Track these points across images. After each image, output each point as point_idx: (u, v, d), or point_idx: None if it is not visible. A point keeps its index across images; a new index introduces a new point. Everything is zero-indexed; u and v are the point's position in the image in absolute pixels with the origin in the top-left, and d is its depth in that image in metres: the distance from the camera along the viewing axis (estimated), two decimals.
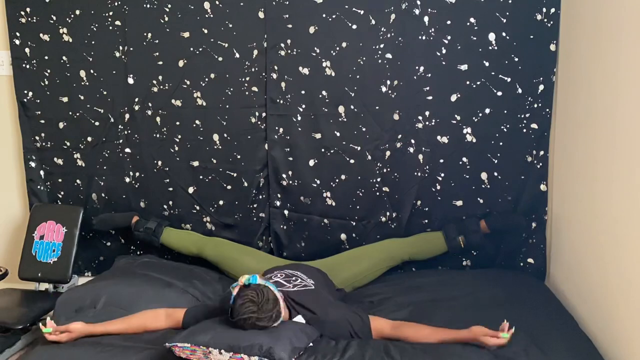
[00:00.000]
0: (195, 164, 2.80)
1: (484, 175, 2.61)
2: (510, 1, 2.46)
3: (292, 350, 1.77)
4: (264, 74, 2.67)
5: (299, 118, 2.68)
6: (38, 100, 2.87)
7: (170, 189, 2.85)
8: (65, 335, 1.97)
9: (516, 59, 2.49)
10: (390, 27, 2.55)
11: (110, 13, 2.74)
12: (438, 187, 2.64)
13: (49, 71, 2.84)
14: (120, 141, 2.85)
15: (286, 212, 2.78)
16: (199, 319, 1.99)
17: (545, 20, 2.45)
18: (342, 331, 1.97)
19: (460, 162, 2.61)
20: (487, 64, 2.51)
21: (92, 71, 2.81)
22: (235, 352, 1.71)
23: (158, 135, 2.80)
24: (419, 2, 2.51)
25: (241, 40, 2.66)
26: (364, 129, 2.63)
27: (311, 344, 1.91)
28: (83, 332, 2.00)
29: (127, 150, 2.85)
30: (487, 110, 2.55)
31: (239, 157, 2.76)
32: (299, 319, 1.98)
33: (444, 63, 2.54)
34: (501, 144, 2.57)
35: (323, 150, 2.68)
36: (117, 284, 2.36)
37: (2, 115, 2.95)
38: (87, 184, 2.91)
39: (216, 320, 1.92)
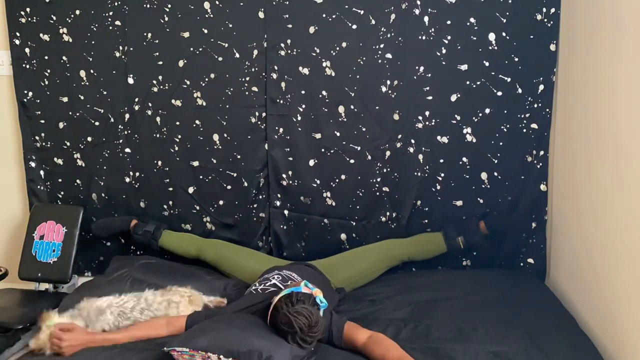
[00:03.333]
0: (195, 164, 2.80)
1: (484, 175, 2.61)
2: (510, 1, 2.46)
3: (292, 359, 1.76)
4: (264, 74, 2.67)
5: (299, 118, 2.67)
6: (38, 100, 2.87)
7: (170, 189, 2.85)
8: (67, 336, 1.87)
9: (516, 59, 2.49)
10: (390, 27, 2.55)
11: (110, 13, 2.74)
12: (438, 187, 2.64)
13: (49, 71, 2.83)
14: (120, 141, 2.85)
15: (286, 212, 2.78)
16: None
17: (545, 20, 2.45)
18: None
19: (460, 162, 2.61)
20: (487, 64, 2.51)
21: (92, 71, 2.81)
22: (234, 357, 1.69)
23: (158, 135, 2.80)
24: (419, 2, 2.51)
25: (241, 40, 2.66)
26: (364, 129, 2.63)
27: (312, 348, 1.91)
28: (83, 341, 1.90)
29: (127, 150, 2.85)
30: (487, 110, 2.55)
31: (239, 157, 2.76)
32: None
33: (444, 63, 2.54)
34: (501, 144, 2.57)
35: (323, 150, 2.68)
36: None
37: (2, 115, 2.95)
38: (87, 184, 2.91)
39: (214, 321, 1.92)
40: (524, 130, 2.54)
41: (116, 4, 2.73)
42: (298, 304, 1.81)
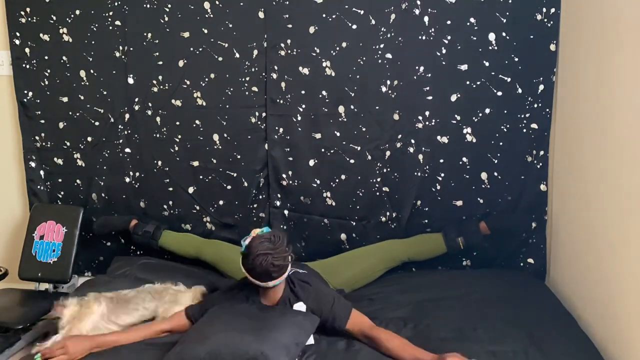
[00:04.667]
0: (195, 164, 2.80)
1: (484, 175, 2.61)
2: (510, 1, 2.46)
3: (291, 358, 1.76)
4: (264, 74, 2.67)
5: (299, 118, 2.68)
6: (38, 100, 2.87)
7: (170, 189, 2.85)
8: (60, 352, 1.83)
9: (516, 59, 2.49)
10: (390, 27, 2.55)
11: (110, 13, 2.74)
12: (438, 187, 2.64)
13: (49, 71, 2.84)
14: (120, 141, 2.85)
15: (286, 212, 2.78)
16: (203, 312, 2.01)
17: (545, 20, 2.45)
18: (325, 304, 1.98)
19: (460, 162, 2.61)
20: (487, 64, 2.51)
21: (92, 71, 2.81)
22: None
23: (158, 135, 2.80)
24: (419, 2, 2.51)
25: (241, 40, 2.66)
26: (364, 129, 2.63)
27: (312, 342, 1.90)
28: (87, 348, 1.88)
29: (127, 150, 2.85)
30: (487, 110, 2.55)
31: (239, 157, 2.76)
32: (300, 306, 1.99)
33: (444, 63, 2.54)
34: (501, 144, 2.57)
35: (323, 150, 2.68)
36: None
37: (2, 115, 2.95)
38: (87, 184, 2.91)
39: (210, 322, 1.91)
40: (524, 130, 2.54)
41: (116, 4, 2.73)
42: (254, 250, 1.87)
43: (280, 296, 2.00)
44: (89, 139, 2.86)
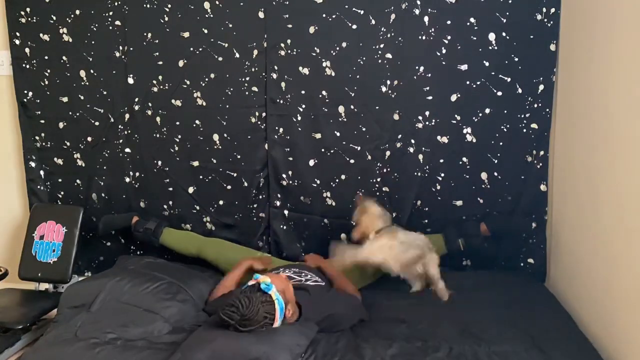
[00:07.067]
0: (195, 164, 2.80)
1: (484, 175, 2.61)
2: (510, 1, 2.46)
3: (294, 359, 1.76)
4: (264, 74, 2.67)
5: (299, 118, 2.67)
6: (38, 100, 2.87)
7: (170, 189, 2.85)
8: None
9: (516, 59, 2.49)
10: (390, 27, 2.55)
11: (110, 13, 2.74)
12: (438, 187, 2.64)
13: (49, 71, 2.84)
14: (120, 141, 2.85)
15: (286, 212, 2.78)
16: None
17: (545, 20, 2.45)
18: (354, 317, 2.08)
19: (460, 162, 2.61)
20: (487, 64, 2.51)
21: (92, 71, 2.81)
22: None
23: (158, 135, 2.80)
24: (419, 2, 2.51)
25: (241, 40, 2.66)
26: (364, 129, 2.63)
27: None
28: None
29: (127, 150, 2.85)
30: (487, 110, 2.55)
31: (239, 157, 2.76)
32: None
33: (444, 63, 2.54)
34: (501, 144, 2.57)
35: (323, 150, 2.68)
36: (122, 279, 2.34)
37: (2, 115, 2.95)
38: (87, 184, 2.91)
39: (211, 329, 1.89)
40: (524, 130, 2.54)
41: (116, 4, 2.73)
42: (238, 296, 1.84)
43: None
44: (89, 139, 2.87)
